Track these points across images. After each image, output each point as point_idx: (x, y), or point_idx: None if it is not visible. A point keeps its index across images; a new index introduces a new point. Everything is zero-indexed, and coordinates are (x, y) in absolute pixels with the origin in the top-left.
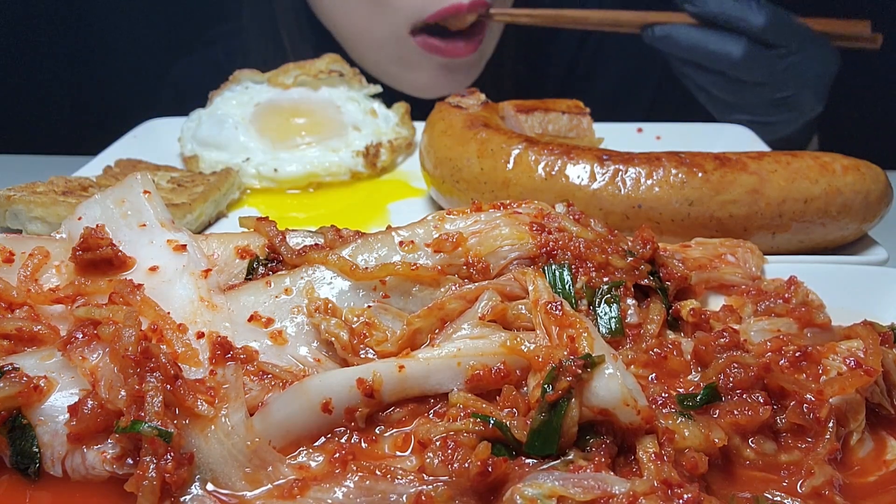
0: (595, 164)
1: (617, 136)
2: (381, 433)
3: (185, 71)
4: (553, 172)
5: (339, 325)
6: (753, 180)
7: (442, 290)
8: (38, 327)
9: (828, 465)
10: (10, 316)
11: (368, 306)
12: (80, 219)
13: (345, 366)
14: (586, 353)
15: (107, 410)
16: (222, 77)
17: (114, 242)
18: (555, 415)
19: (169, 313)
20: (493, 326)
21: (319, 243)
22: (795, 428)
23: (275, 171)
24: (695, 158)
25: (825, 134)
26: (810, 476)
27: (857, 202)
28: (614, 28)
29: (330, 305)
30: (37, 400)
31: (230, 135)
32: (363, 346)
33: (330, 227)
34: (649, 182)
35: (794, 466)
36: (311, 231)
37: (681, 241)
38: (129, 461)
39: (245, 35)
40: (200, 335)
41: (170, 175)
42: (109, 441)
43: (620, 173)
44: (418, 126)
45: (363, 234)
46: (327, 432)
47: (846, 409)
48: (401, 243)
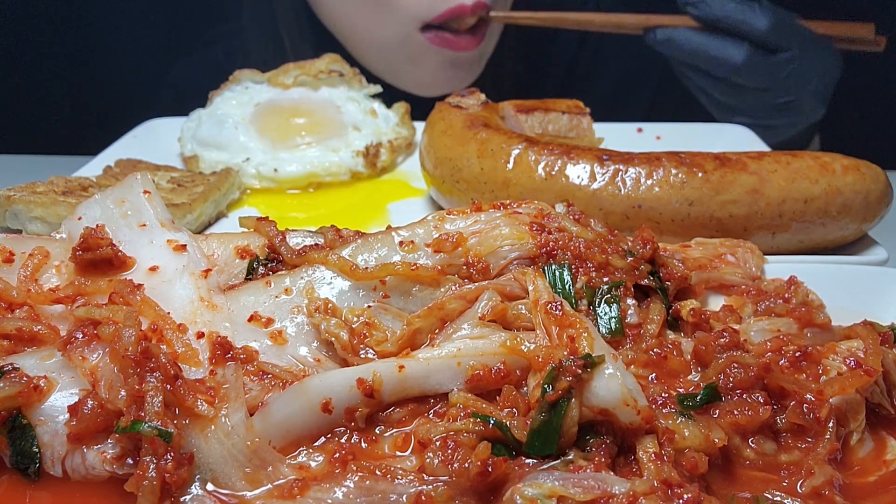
0: (595, 164)
1: (617, 136)
2: (381, 433)
3: (185, 71)
4: (553, 172)
5: (339, 325)
6: (753, 180)
7: (442, 290)
8: (38, 327)
9: (828, 465)
10: (10, 316)
11: (368, 306)
12: (80, 219)
13: (345, 366)
14: (586, 353)
15: (107, 410)
16: (222, 77)
17: (114, 242)
18: (555, 415)
19: (169, 313)
20: (493, 326)
21: (319, 243)
22: (795, 428)
23: (275, 171)
24: (695, 158)
25: (825, 134)
26: (810, 476)
27: (857, 202)
28: (617, 31)
29: (330, 305)
30: (37, 400)
31: (230, 135)
32: (363, 346)
33: (330, 227)
34: (649, 182)
35: (794, 466)
36: (311, 231)
37: (681, 241)
38: (129, 461)
39: (245, 35)
40: (200, 335)
41: (170, 175)
42: (109, 441)
43: (620, 173)
44: (418, 126)
45: (363, 234)
46: (327, 432)
47: (846, 409)
48: (401, 243)
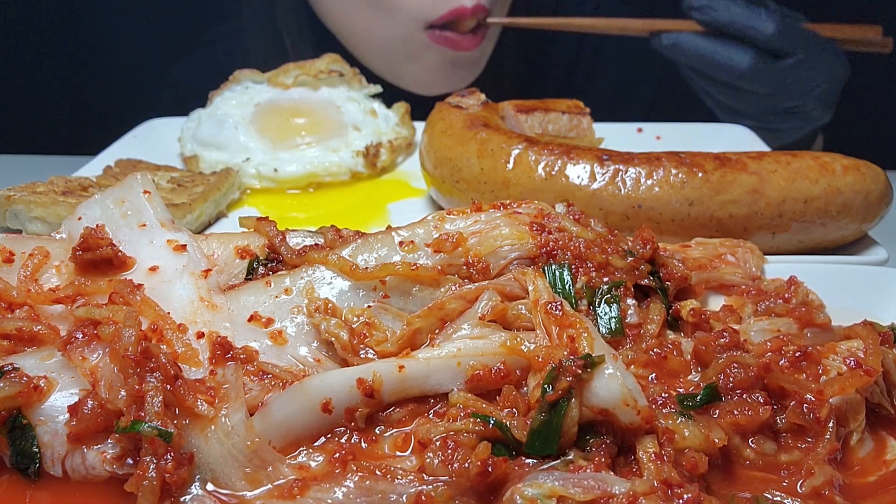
0: (595, 164)
1: (617, 136)
2: (381, 433)
3: (185, 71)
4: (553, 172)
5: (339, 325)
6: (753, 180)
7: (442, 290)
8: (38, 327)
9: (828, 465)
10: (10, 316)
11: (368, 306)
12: (80, 219)
13: (345, 366)
14: (586, 353)
15: (107, 410)
16: (222, 77)
17: (114, 242)
18: (555, 415)
19: (169, 313)
20: (493, 326)
21: (319, 243)
22: (795, 428)
23: (275, 171)
24: (695, 158)
25: (826, 134)
26: (810, 476)
27: (857, 202)
28: (622, 34)
29: (330, 305)
30: (37, 400)
31: (230, 135)
32: (363, 346)
33: (330, 227)
34: (649, 182)
35: (794, 466)
36: (311, 231)
37: (681, 241)
38: (129, 461)
39: (245, 35)
40: (200, 335)
41: (170, 175)
42: (109, 441)
43: (620, 173)
44: (418, 126)
45: (363, 234)
46: (327, 432)
47: (846, 409)
48: (401, 243)
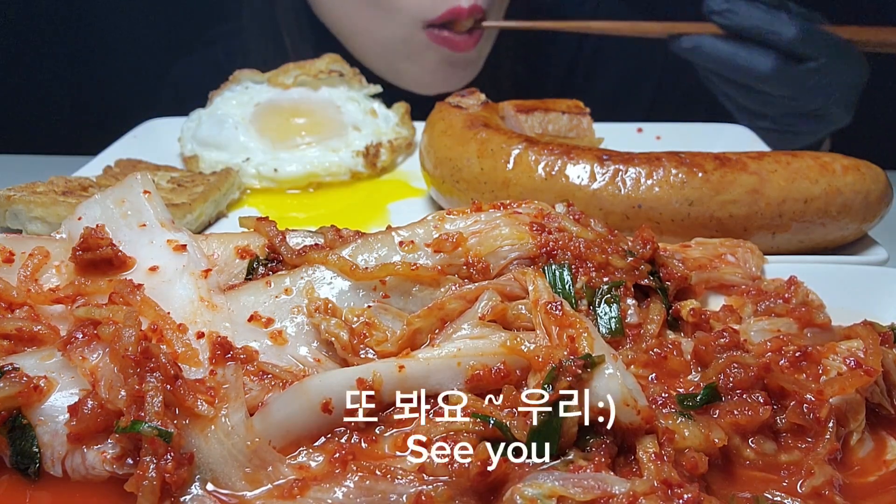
0: (595, 164)
1: (617, 136)
2: (381, 433)
3: (185, 71)
4: (553, 172)
5: (339, 325)
6: (753, 180)
7: (442, 290)
8: (38, 327)
9: (828, 465)
10: (10, 316)
11: (368, 306)
12: (80, 219)
13: (345, 366)
14: (586, 353)
15: (107, 410)
16: (222, 77)
17: (114, 242)
18: (555, 415)
19: (169, 313)
20: (493, 326)
21: (319, 243)
22: (795, 428)
23: (275, 171)
24: (695, 158)
25: (830, 134)
26: (810, 476)
27: (857, 202)
28: (640, 36)
29: (330, 305)
30: (37, 400)
31: (230, 135)
32: (363, 346)
33: (330, 227)
34: (649, 182)
35: (794, 466)
36: (311, 231)
37: (681, 241)
38: (129, 461)
39: (245, 35)
40: (200, 335)
41: (170, 175)
42: (109, 441)
43: (620, 173)
44: (418, 126)
45: (363, 234)
46: (327, 432)
47: (846, 409)
48: (401, 243)
